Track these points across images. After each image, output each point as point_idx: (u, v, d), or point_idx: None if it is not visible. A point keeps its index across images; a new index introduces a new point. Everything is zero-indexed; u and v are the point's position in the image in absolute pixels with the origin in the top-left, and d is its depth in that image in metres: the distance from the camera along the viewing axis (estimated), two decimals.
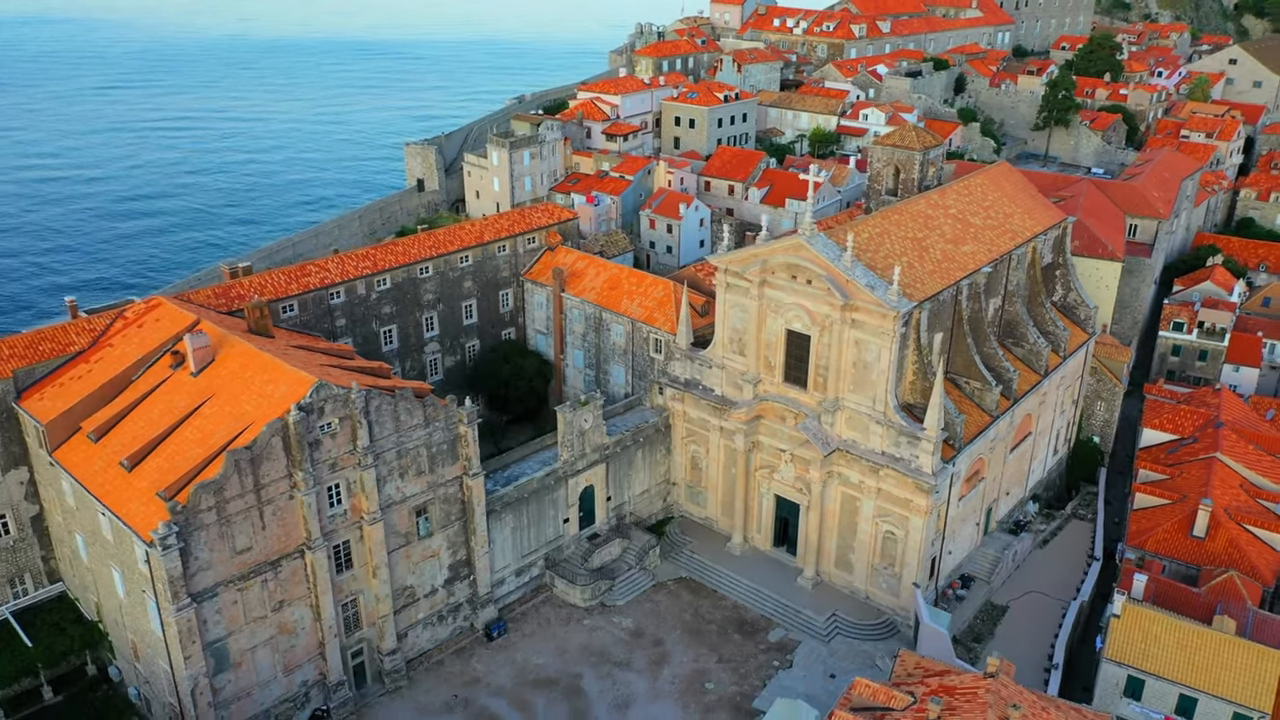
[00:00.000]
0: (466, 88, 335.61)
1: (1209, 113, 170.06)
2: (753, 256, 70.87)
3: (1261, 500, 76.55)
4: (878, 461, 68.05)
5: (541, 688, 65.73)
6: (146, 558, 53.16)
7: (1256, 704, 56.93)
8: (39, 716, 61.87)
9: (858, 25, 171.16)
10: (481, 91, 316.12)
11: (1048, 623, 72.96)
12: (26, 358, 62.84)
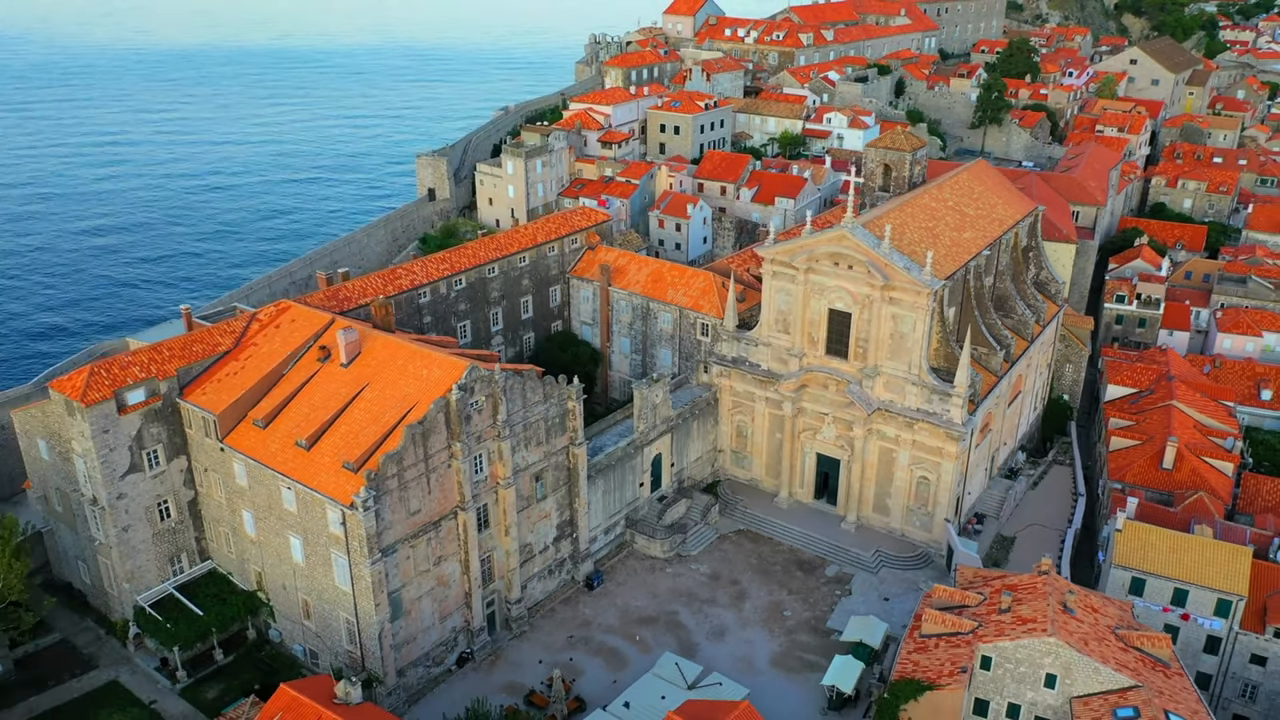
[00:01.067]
0: (437, 100, 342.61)
1: (1118, 109, 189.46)
2: (800, 247, 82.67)
3: (1211, 438, 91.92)
4: (913, 417, 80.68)
5: (645, 624, 76.35)
6: (342, 520, 62.12)
7: (1235, 589, 71.14)
8: (214, 675, 69.86)
9: (805, 34, 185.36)
10: (454, 103, 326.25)
11: (1049, 548, 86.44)
12: (185, 358, 70.60)
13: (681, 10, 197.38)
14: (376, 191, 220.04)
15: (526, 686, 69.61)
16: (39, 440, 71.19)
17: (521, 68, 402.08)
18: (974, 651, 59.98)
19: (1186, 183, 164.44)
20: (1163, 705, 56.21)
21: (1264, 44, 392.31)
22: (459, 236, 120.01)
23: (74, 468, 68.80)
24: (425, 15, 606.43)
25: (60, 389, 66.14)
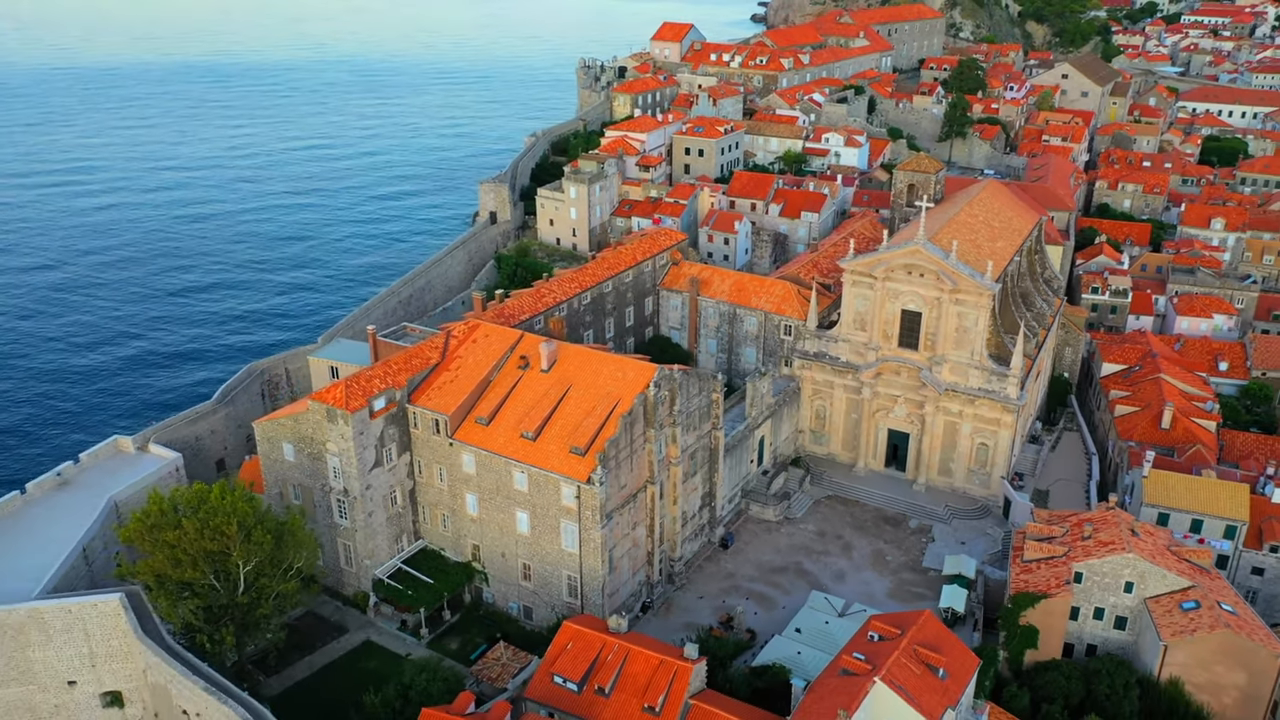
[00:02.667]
0: (445, 122, 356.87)
1: (1059, 120, 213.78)
2: (876, 261, 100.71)
3: (1194, 402, 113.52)
4: (975, 394, 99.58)
5: (777, 573, 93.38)
6: (576, 494, 77.62)
7: (1238, 516, 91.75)
8: (448, 632, 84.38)
9: (786, 59, 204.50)
10: (463, 123, 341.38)
11: (1075, 496, 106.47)
12: (409, 370, 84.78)
13: (668, 37, 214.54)
14: (431, 214, 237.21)
15: (702, 626, 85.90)
16: (284, 444, 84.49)
17: (513, 85, 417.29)
18: (1070, 569, 78.82)
19: (1125, 185, 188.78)
20: (1214, 599, 75.86)
21: (1152, 47, 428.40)
22: (531, 254, 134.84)
23: (323, 466, 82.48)
24: (418, 30, 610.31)
25: (322, 400, 79.88)
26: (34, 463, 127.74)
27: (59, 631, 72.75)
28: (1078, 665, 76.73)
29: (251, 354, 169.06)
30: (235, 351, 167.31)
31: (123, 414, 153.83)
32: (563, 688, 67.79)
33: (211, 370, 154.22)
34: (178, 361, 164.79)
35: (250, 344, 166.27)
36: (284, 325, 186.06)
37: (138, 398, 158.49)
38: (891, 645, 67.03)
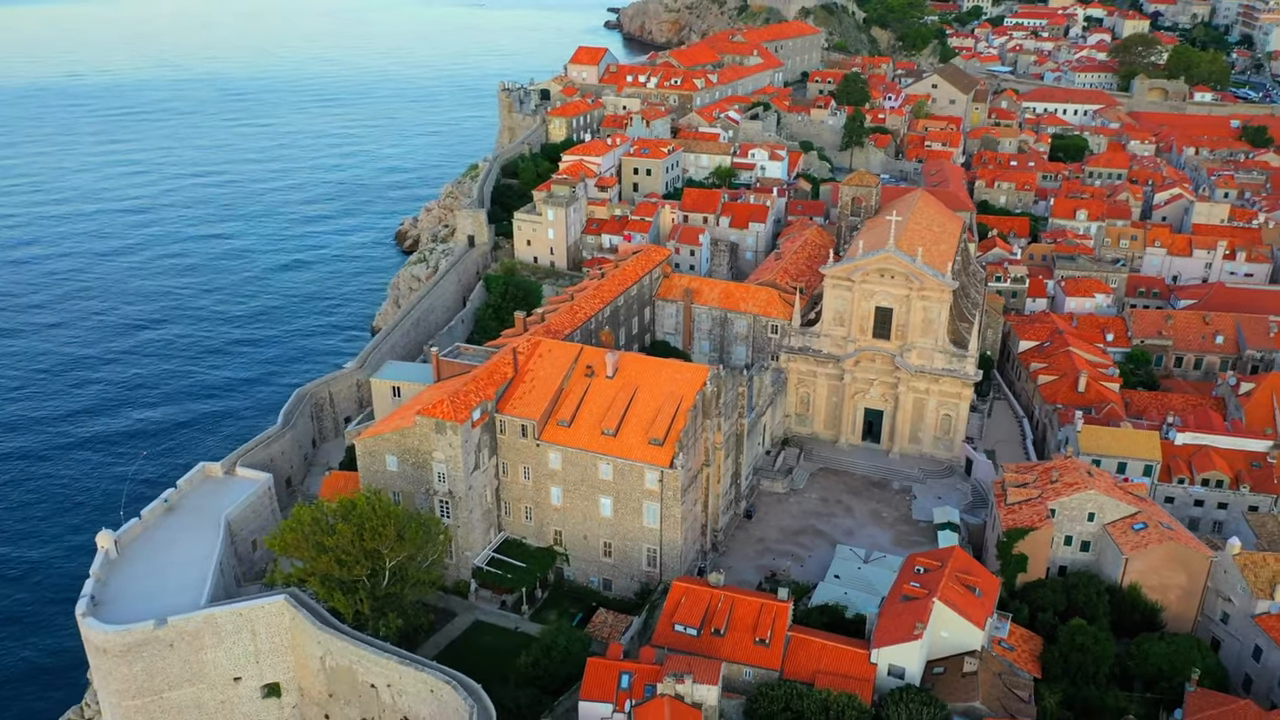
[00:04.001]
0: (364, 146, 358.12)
1: (937, 126, 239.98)
2: (854, 266, 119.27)
3: (1099, 368, 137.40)
4: (939, 373, 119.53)
5: (797, 534, 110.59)
6: (659, 478, 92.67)
7: (1153, 457, 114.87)
8: (543, 607, 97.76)
9: (698, 79, 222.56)
10: (349, 144, 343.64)
11: (1017, 456, 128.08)
12: (493, 384, 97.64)
13: (585, 60, 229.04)
14: (351, 238, 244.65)
15: (750, 584, 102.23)
16: (387, 456, 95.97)
17: (395, 103, 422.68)
18: (1045, 507, 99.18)
19: (1000, 183, 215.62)
20: (1156, 520, 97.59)
21: (983, 49, 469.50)
22: (518, 274, 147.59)
23: (427, 473, 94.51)
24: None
25: (431, 415, 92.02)
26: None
27: (229, 633, 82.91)
28: (1059, 582, 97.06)
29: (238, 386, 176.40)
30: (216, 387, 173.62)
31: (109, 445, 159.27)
32: (683, 633, 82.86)
33: (172, 406, 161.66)
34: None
35: (226, 379, 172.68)
36: (242, 356, 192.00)
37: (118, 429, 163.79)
38: (938, 573, 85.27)
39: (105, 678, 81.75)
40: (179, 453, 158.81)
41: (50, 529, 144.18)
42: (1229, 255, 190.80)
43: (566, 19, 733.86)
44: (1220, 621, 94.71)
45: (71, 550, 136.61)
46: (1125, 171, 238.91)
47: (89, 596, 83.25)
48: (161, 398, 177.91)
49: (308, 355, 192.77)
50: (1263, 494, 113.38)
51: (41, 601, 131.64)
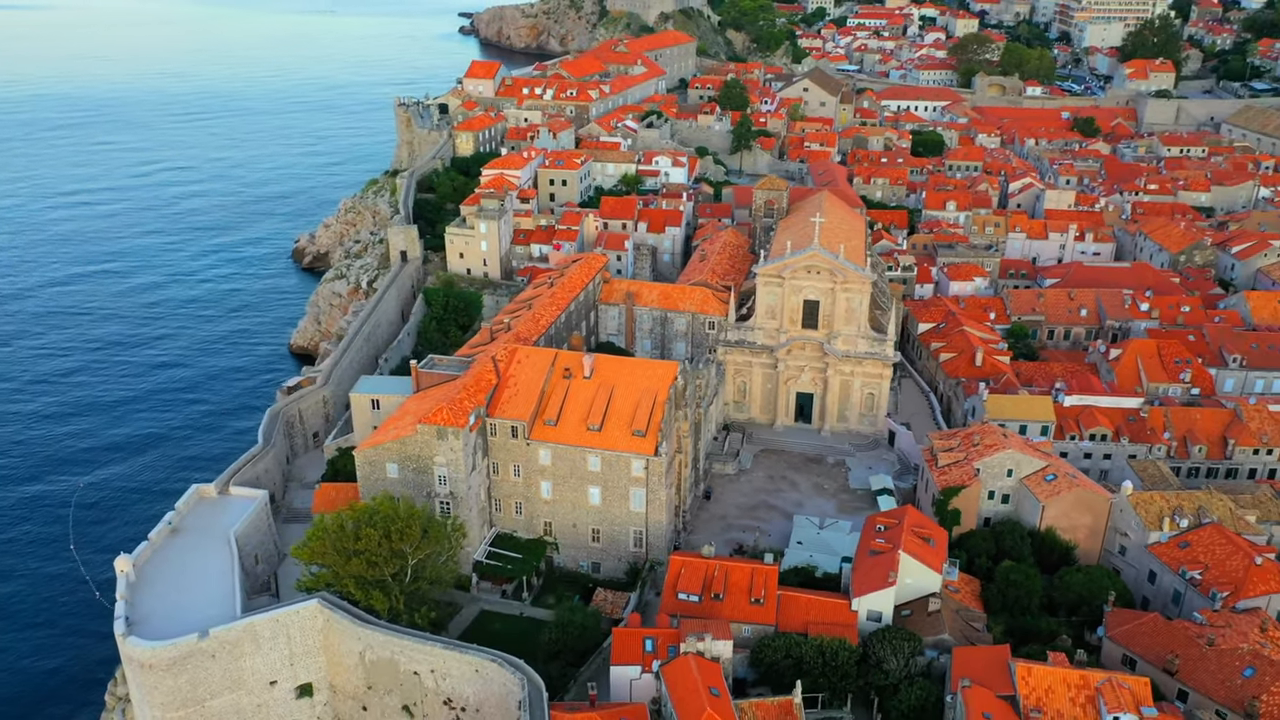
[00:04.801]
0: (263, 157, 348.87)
1: (813, 127, 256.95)
2: (784, 265, 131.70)
3: (991, 344, 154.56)
4: (863, 357, 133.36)
5: (753, 509, 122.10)
6: (645, 466, 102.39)
7: (1048, 418, 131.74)
8: (541, 592, 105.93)
9: (592, 90, 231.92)
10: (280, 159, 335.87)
11: (929, 426, 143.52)
12: (482, 390, 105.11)
13: (480, 74, 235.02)
14: (246, 251, 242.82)
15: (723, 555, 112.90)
16: (388, 464, 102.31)
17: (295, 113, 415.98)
18: (972, 467, 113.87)
19: (876, 179, 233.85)
20: (1063, 471, 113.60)
21: (831, 48, 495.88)
22: (455, 285, 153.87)
23: (428, 477, 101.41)
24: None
25: (431, 422, 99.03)
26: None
27: (267, 639, 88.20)
28: (988, 531, 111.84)
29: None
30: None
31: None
32: (686, 600, 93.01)
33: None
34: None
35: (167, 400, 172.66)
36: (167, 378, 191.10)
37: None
38: (898, 530, 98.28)
39: (150, 692, 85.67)
40: (125, 480, 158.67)
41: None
42: (1079, 237, 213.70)
43: (419, 24, 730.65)
44: (1119, 553, 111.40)
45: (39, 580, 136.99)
46: (981, 164, 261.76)
47: (124, 618, 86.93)
48: (102, 425, 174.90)
49: (229, 378, 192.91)
50: (1140, 444, 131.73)
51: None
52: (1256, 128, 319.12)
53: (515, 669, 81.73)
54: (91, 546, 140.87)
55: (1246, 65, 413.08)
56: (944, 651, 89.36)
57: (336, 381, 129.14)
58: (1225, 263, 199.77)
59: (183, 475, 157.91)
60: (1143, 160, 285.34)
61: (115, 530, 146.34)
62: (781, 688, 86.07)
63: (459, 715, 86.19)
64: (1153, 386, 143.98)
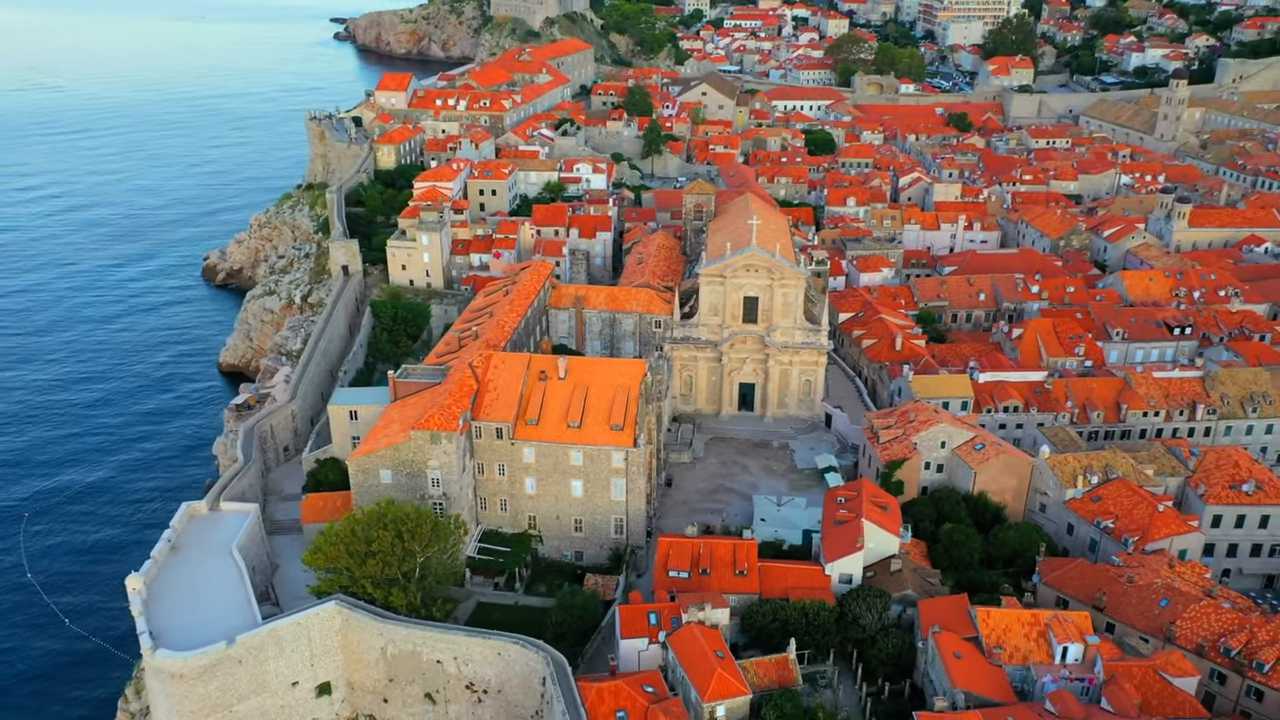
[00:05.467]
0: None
1: (716, 130, 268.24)
2: (725, 265, 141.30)
3: (907, 330, 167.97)
4: (800, 347, 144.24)
5: (712, 493, 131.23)
6: (625, 457, 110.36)
7: (967, 394, 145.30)
8: (532, 581, 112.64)
9: (505, 100, 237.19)
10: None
11: (857, 406, 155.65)
12: (465, 394, 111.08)
13: (392, 87, 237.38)
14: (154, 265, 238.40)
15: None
16: (382, 471, 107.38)
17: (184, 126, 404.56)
18: (910, 441, 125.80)
19: (780, 179, 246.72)
20: (990, 440, 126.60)
21: (711, 50, 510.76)
22: (402, 297, 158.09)
23: (421, 481, 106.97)
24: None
25: (425, 428, 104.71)
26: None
27: (289, 642, 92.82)
28: (928, 498, 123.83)
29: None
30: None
31: None
32: (677, 577, 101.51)
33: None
34: None
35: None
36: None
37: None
38: (858, 500, 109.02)
39: (180, 701, 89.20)
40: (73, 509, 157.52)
41: None
42: (968, 227, 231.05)
43: (293, 31, 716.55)
44: (1040, 510, 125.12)
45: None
46: (871, 160, 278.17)
47: (147, 633, 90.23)
48: (50, 467, 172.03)
49: (162, 402, 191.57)
50: (1047, 412, 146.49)
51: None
52: (1111, 119, 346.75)
53: (537, 648, 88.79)
54: (45, 573, 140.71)
55: (1096, 60, 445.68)
56: (910, 605, 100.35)
57: (305, 397, 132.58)
58: (1099, 245, 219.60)
59: (132, 499, 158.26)
60: (1015, 152, 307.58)
61: (69, 561, 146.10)
62: (770, 648, 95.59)
63: (480, 698, 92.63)
64: (1052, 360, 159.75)
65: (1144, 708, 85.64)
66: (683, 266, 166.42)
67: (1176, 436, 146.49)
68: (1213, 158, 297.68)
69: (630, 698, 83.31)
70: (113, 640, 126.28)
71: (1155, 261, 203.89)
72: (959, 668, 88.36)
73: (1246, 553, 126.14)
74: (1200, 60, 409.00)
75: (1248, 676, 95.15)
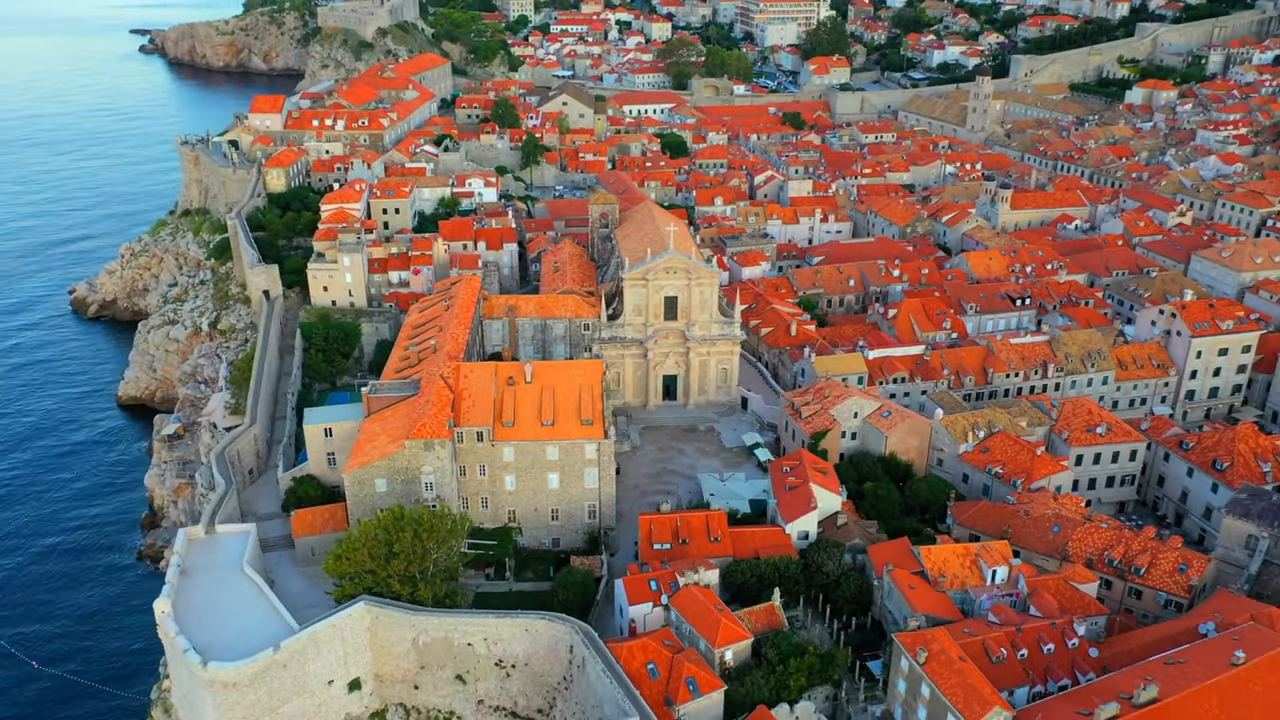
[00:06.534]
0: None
1: (582, 139, 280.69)
2: (648, 269, 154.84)
3: (798, 317, 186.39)
4: (716, 339, 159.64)
5: (657, 475, 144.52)
6: (597, 449, 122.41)
7: (862, 370, 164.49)
8: (520, 569, 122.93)
9: (385, 118, 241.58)
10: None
11: (765, 389, 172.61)
12: (445, 404, 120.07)
13: (266, 109, 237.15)
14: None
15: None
16: (377, 481, 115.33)
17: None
18: (829, 414, 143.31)
19: (650, 182, 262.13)
20: (894, 408, 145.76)
21: (542, 55, 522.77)
22: (333, 320, 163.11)
23: (415, 486, 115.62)
24: None
25: (419, 437, 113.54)
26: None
27: (325, 643, 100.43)
28: (848, 463, 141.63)
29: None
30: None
31: None
32: (661, 549, 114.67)
33: None
34: None
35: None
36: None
37: None
38: (801, 468, 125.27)
39: (231, 709, 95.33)
40: None
41: None
42: (824, 219, 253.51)
43: (95, 45, 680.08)
44: (939, 465, 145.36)
45: None
46: (725, 161, 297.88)
47: (191, 649, 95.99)
48: None
49: (63, 439, 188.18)
50: (929, 380, 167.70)
51: None
52: (926, 113, 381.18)
53: (564, 621, 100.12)
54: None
55: (903, 58, 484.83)
56: (859, 552, 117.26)
57: (264, 421, 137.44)
58: (939, 230, 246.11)
59: (70, 545, 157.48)
60: (849, 148, 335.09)
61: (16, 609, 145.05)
62: (749, 601, 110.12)
63: (509, 672, 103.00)
64: (925, 335, 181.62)
65: (1061, 610, 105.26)
66: (594, 272, 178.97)
67: (1034, 393, 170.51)
68: (1018, 145, 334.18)
69: (656, 651, 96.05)
70: (99, 678, 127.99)
71: (988, 242, 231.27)
72: (915, 596, 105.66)
73: (1103, 484, 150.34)
74: (995, 56, 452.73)
75: (1129, 580, 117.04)
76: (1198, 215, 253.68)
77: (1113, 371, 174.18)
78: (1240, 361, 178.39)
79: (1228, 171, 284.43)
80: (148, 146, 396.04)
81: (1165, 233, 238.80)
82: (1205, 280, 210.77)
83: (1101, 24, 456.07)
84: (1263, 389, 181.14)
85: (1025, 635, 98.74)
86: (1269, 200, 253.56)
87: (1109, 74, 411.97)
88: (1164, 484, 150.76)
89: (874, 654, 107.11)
